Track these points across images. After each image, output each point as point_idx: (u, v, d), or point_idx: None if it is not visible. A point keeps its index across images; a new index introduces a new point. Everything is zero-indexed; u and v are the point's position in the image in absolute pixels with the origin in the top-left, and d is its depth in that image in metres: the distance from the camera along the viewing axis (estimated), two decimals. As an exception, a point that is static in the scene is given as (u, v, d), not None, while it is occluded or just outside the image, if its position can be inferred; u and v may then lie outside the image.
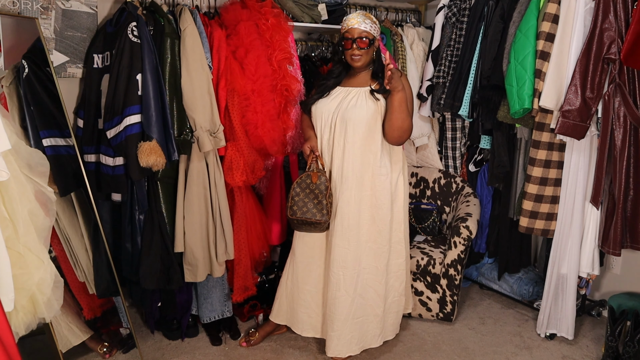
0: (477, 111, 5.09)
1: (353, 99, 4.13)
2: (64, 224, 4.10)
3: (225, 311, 4.83)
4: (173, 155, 4.03)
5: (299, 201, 4.12)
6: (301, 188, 4.13)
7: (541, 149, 4.48)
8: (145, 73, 3.89)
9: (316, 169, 4.15)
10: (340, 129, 4.12)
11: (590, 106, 4.12)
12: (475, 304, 5.55)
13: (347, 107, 4.10)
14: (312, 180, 4.11)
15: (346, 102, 4.13)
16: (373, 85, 4.15)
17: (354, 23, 4.07)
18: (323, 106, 4.21)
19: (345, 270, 4.22)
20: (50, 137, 3.89)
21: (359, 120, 4.05)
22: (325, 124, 4.21)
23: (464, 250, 4.90)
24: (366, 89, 4.15)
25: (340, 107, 4.13)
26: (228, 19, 4.45)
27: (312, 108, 4.29)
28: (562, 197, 4.53)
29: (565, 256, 4.58)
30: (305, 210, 4.10)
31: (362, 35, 4.05)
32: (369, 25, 4.08)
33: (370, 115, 4.06)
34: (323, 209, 4.09)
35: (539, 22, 4.32)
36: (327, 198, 4.09)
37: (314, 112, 4.28)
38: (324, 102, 4.23)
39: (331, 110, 4.17)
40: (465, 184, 5.59)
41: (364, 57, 4.12)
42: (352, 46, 4.08)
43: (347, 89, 4.22)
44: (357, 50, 4.07)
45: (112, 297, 4.46)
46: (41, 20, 4.09)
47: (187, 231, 4.32)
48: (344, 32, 4.12)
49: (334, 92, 4.26)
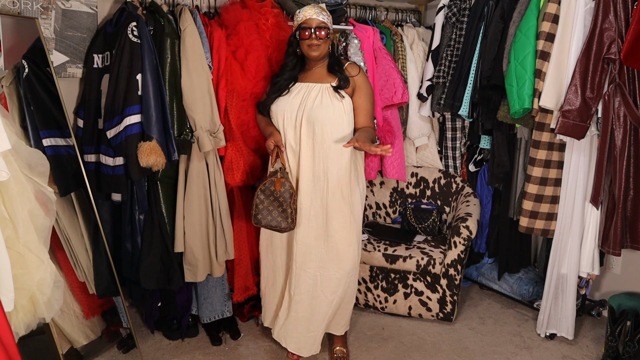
0: (477, 111, 5.09)
1: (318, 97, 4.06)
2: (64, 224, 4.10)
3: (225, 311, 4.83)
4: (173, 155, 4.03)
5: (264, 209, 4.05)
6: (265, 195, 4.05)
7: (541, 149, 4.48)
8: (145, 73, 3.89)
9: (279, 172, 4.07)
10: (307, 129, 4.06)
11: (590, 106, 4.12)
12: (475, 304, 5.55)
13: (312, 106, 4.04)
14: (276, 188, 4.02)
15: (310, 101, 4.06)
16: (333, 82, 4.10)
17: (312, 14, 4.00)
18: (285, 104, 4.12)
19: (323, 271, 4.23)
20: (50, 137, 3.89)
21: (327, 120, 4.01)
22: (289, 123, 4.11)
23: (464, 250, 4.91)
24: (327, 85, 4.09)
25: (305, 105, 4.06)
26: (228, 19, 4.45)
27: (272, 107, 4.17)
28: (562, 197, 4.53)
29: (565, 256, 4.58)
30: (270, 218, 4.05)
31: (320, 25, 4.00)
32: (326, 17, 4.05)
33: (338, 115, 4.03)
34: (288, 217, 4.03)
35: (539, 22, 4.32)
36: (291, 206, 4.02)
37: (274, 111, 4.17)
38: (284, 100, 4.14)
39: (294, 108, 4.09)
40: (465, 184, 5.59)
41: (322, 47, 4.05)
42: (310, 36, 3.99)
43: (307, 84, 4.14)
44: (316, 40, 4.00)
45: (112, 297, 4.46)
46: (41, 20, 4.09)
47: (187, 231, 4.32)
48: (300, 22, 4.04)
49: (293, 88, 4.17)
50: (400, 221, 5.76)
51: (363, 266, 5.16)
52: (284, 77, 4.19)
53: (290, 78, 4.19)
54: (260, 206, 4.05)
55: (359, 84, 4.13)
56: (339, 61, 4.21)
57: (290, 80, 4.19)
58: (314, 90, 4.09)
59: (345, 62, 4.23)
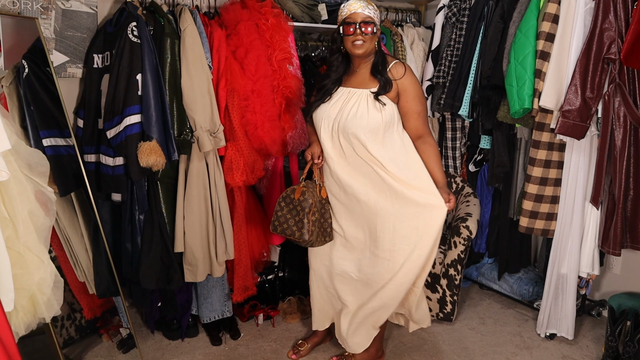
0: (477, 111, 5.09)
1: (354, 105, 3.81)
2: (64, 224, 4.11)
3: (225, 311, 4.83)
4: (173, 155, 4.03)
5: (281, 216, 3.96)
6: (285, 203, 3.97)
7: (541, 149, 4.48)
8: (145, 73, 3.89)
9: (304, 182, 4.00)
10: (344, 140, 3.86)
11: (590, 106, 4.12)
12: (475, 304, 5.56)
13: (347, 116, 3.80)
14: (295, 196, 3.93)
15: (347, 110, 3.82)
16: (374, 86, 3.83)
17: (356, 7, 3.72)
18: (323, 113, 3.93)
19: None
20: (50, 137, 3.90)
21: (362, 132, 3.77)
22: (326, 133, 3.93)
23: (464, 250, 4.90)
24: (367, 92, 3.83)
25: (341, 115, 3.84)
26: (228, 19, 4.45)
27: (314, 115, 4.00)
28: (562, 197, 4.53)
29: (565, 256, 4.58)
30: (285, 226, 3.94)
31: (366, 19, 3.72)
32: (372, 11, 3.77)
33: (374, 126, 3.77)
34: (303, 228, 3.87)
35: (539, 22, 4.32)
36: (308, 216, 3.87)
37: (315, 119, 4.01)
38: (324, 109, 3.93)
39: (331, 117, 3.89)
40: (465, 184, 5.58)
41: (367, 44, 3.77)
42: (355, 31, 3.72)
43: (349, 90, 3.90)
44: (361, 35, 3.72)
45: (112, 297, 4.47)
46: (41, 20, 4.09)
47: (187, 231, 4.32)
48: (345, 17, 3.77)
49: (335, 94, 3.94)
50: (401, 221, 5.74)
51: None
52: (330, 79, 3.99)
53: (336, 80, 3.98)
54: (279, 212, 3.97)
55: (405, 87, 3.83)
56: (384, 61, 3.91)
57: (336, 83, 3.97)
58: (353, 98, 3.87)
59: (391, 60, 3.93)
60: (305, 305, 5.23)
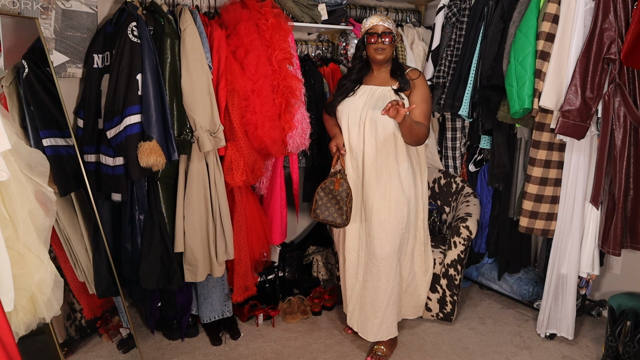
0: (477, 111, 5.09)
1: (380, 99, 4.27)
2: (64, 224, 4.11)
3: (225, 311, 4.84)
4: (173, 155, 4.04)
5: (322, 205, 4.37)
6: (325, 193, 4.37)
7: (541, 149, 4.48)
8: (145, 73, 3.90)
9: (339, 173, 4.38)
10: (370, 128, 4.28)
11: (590, 106, 4.12)
12: (475, 304, 5.56)
13: (374, 106, 4.25)
14: (335, 187, 4.32)
15: (373, 102, 4.27)
16: (394, 85, 4.30)
17: (377, 21, 4.24)
18: (350, 104, 4.35)
19: (385, 262, 4.39)
20: (50, 137, 3.90)
21: (388, 120, 4.18)
22: (354, 122, 4.33)
23: (464, 250, 4.91)
24: (389, 88, 4.30)
25: (368, 106, 4.28)
26: (228, 19, 4.45)
27: (339, 107, 4.42)
28: (562, 197, 4.54)
29: (565, 256, 4.58)
30: (327, 214, 4.36)
31: (385, 31, 4.22)
32: (391, 25, 4.25)
33: None
34: (343, 215, 4.31)
35: (539, 22, 4.33)
36: (347, 204, 4.30)
37: (340, 111, 4.42)
38: (350, 101, 4.37)
39: (359, 108, 4.31)
40: (465, 184, 5.59)
41: (387, 51, 4.25)
42: (377, 40, 4.21)
43: (371, 87, 4.36)
44: (382, 44, 4.21)
45: (112, 297, 4.47)
46: (41, 20, 4.10)
47: (187, 231, 4.32)
48: (368, 29, 4.25)
49: (359, 90, 4.39)
50: (401, 221, 5.75)
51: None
52: (350, 79, 4.44)
53: (356, 80, 4.42)
54: (319, 202, 4.39)
55: (417, 85, 4.30)
56: (401, 66, 4.43)
57: (356, 82, 4.42)
58: (377, 92, 4.32)
59: (406, 67, 4.42)
60: (305, 305, 5.24)
